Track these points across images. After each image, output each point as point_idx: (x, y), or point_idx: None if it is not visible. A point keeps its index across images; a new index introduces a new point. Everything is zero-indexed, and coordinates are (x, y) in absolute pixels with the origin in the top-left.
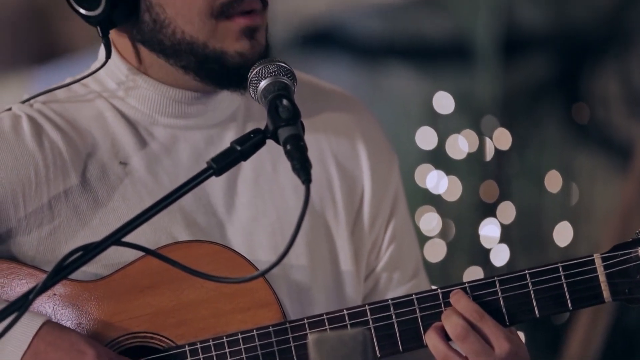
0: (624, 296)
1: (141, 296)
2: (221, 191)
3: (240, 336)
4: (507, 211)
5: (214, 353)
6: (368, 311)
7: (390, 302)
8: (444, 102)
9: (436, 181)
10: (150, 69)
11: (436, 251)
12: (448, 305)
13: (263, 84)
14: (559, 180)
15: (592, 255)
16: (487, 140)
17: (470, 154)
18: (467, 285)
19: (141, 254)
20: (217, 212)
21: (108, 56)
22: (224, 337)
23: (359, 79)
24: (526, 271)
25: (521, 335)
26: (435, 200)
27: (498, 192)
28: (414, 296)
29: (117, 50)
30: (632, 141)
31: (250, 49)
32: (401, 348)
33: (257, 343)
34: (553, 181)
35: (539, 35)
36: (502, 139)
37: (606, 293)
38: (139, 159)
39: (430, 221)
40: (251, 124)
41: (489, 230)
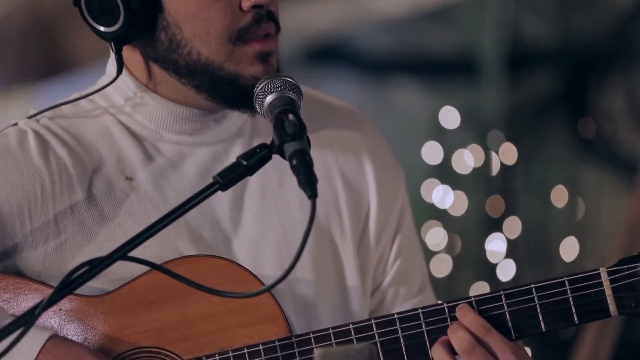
0: (630, 310)
1: (147, 311)
2: (227, 206)
3: (246, 351)
4: (513, 226)
5: None
6: (374, 325)
7: (396, 316)
8: (450, 117)
9: (442, 196)
10: (159, 86)
11: (442, 266)
12: (454, 319)
13: (269, 98)
14: (565, 195)
15: (598, 269)
16: (493, 155)
17: (476, 169)
18: (473, 299)
19: (147, 268)
20: (223, 227)
21: (119, 72)
22: (230, 352)
23: (365, 94)
24: (532, 285)
25: (528, 350)
26: (441, 215)
27: (504, 206)
28: (419, 310)
29: (125, 66)
30: (638, 156)
31: (263, 73)
32: None
33: (263, 358)
34: (559, 196)
35: (545, 51)
36: (508, 153)
37: (612, 307)
38: (145, 175)
39: (436, 236)
40: (258, 139)
41: (495, 245)
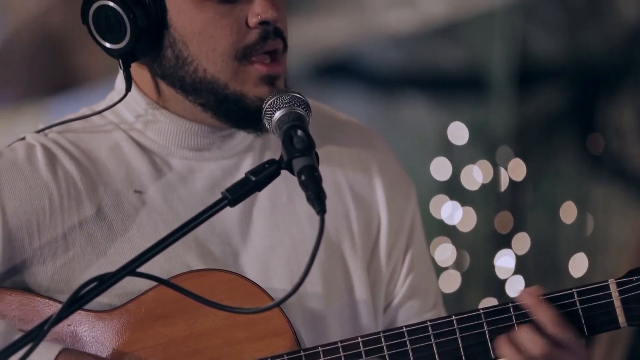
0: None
1: (155, 325)
2: (236, 220)
3: None
4: (522, 242)
5: None
6: (382, 338)
7: (404, 329)
8: (458, 133)
9: (451, 212)
10: (168, 102)
11: (451, 282)
12: (463, 331)
13: (278, 114)
14: (574, 211)
15: (607, 281)
16: (502, 170)
17: (485, 185)
18: (481, 311)
19: (155, 283)
20: (232, 241)
21: (128, 89)
22: None
23: (374, 110)
24: (541, 297)
25: None
26: (449, 231)
27: (513, 222)
28: (428, 323)
29: (135, 83)
30: None
31: (269, 95)
32: None
33: None
34: (568, 212)
35: (553, 66)
36: (517, 169)
37: (621, 318)
38: (155, 188)
39: (444, 252)
40: (268, 153)
41: (504, 261)
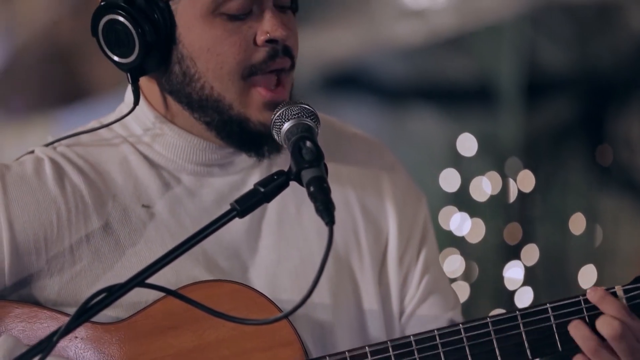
0: None
1: (163, 337)
2: (244, 234)
3: None
4: (531, 253)
5: None
6: (390, 348)
7: (412, 338)
8: (467, 145)
9: (459, 223)
10: (175, 117)
11: (459, 293)
12: (470, 339)
13: (286, 125)
14: (582, 222)
15: (614, 287)
16: (511, 182)
17: (493, 196)
18: (489, 320)
19: (162, 294)
20: (240, 255)
21: (136, 103)
22: None
23: (383, 122)
24: (548, 305)
25: None
26: (458, 242)
27: (521, 234)
28: (435, 332)
29: (144, 97)
30: None
31: (273, 113)
32: None
33: None
34: (577, 223)
35: (562, 78)
36: (525, 181)
37: None
38: (162, 203)
39: (453, 263)
40: (275, 169)
41: (513, 273)
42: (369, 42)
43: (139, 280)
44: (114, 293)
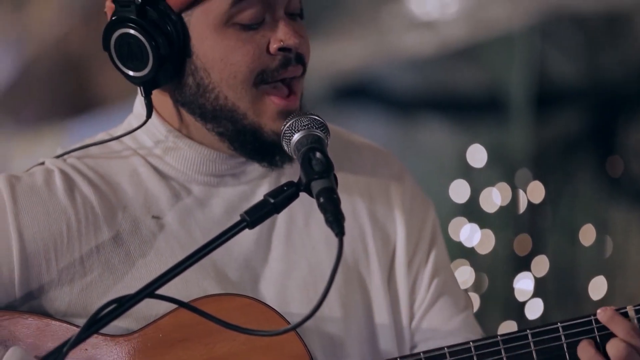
0: None
1: (173, 350)
2: (254, 246)
3: None
4: (541, 264)
5: None
6: None
7: (422, 356)
8: (477, 156)
9: (469, 234)
10: (188, 129)
11: None
12: (481, 357)
13: (296, 136)
14: (593, 233)
15: (626, 308)
16: (521, 193)
17: (503, 207)
18: (499, 338)
19: (172, 307)
20: (249, 267)
21: (149, 116)
22: None
23: (392, 132)
24: (559, 324)
25: None
26: (468, 253)
27: (531, 245)
28: (445, 350)
29: (155, 109)
30: None
31: (283, 123)
32: None
33: None
34: (587, 234)
35: (572, 89)
36: (535, 192)
37: None
38: (172, 214)
39: (463, 274)
40: (284, 179)
41: (523, 284)
42: (378, 53)
43: (149, 291)
44: (124, 304)
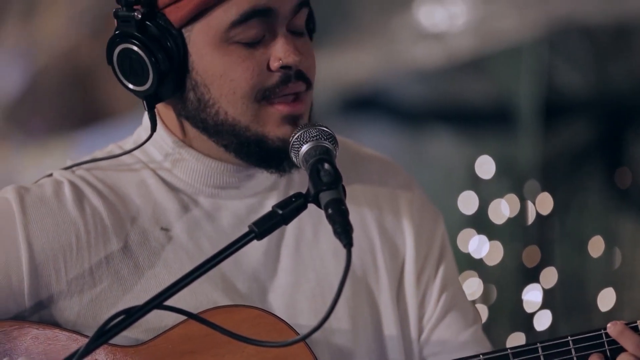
0: None
1: None
2: (263, 258)
3: None
4: (550, 276)
5: None
6: None
7: None
8: (486, 167)
9: (478, 245)
10: (193, 141)
11: None
12: None
13: (305, 148)
14: (601, 245)
15: (636, 322)
16: (529, 204)
17: (511, 219)
18: (509, 351)
19: (181, 318)
20: (258, 279)
21: (153, 129)
22: None
23: (401, 144)
24: (569, 338)
25: None
26: (476, 265)
27: (540, 256)
28: None
29: (162, 122)
30: None
31: (292, 135)
32: None
33: None
34: (596, 246)
35: (580, 100)
36: (544, 203)
37: None
38: (181, 226)
39: (471, 285)
40: (292, 191)
41: (532, 295)
42: (387, 65)
43: (158, 302)
44: (132, 315)
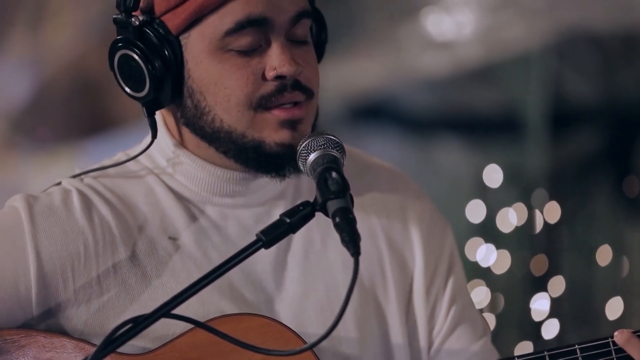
0: None
1: None
2: (270, 267)
3: None
4: (558, 285)
5: None
6: None
7: None
8: (493, 176)
9: (485, 254)
10: (194, 148)
11: None
12: None
13: (312, 156)
14: (609, 254)
15: None
16: (537, 213)
17: (519, 227)
18: (516, 359)
19: (189, 327)
20: (266, 288)
21: (154, 136)
22: None
23: (409, 153)
24: (576, 346)
25: None
26: (484, 274)
27: (548, 265)
28: None
29: (166, 127)
30: None
31: (291, 139)
32: None
33: None
34: (603, 255)
35: (588, 109)
36: (552, 212)
37: None
38: (188, 235)
39: (479, 294)
40: (301, 200)
41: (540, 304)
42: (394, 74)
43: (165, 311)
44: (139, 324)
